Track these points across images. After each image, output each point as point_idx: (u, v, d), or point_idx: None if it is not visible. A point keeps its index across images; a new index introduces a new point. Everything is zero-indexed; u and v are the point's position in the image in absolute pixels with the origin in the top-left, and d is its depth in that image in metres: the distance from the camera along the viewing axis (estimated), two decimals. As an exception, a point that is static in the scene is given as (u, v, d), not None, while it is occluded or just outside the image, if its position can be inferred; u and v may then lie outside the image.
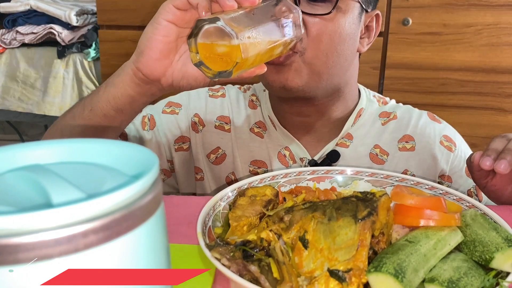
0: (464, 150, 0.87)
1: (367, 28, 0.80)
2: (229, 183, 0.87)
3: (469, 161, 0.69)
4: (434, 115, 0.89)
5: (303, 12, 0.69)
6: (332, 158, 0.82)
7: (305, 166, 0.83)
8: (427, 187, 0.62)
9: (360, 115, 0.86)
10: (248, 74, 0.61)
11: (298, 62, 0.73)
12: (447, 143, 0.85)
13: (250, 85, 0.94)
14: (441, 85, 1.61)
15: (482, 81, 1.59)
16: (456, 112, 1.62)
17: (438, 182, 0.85)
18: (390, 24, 1.59)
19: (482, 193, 0.79)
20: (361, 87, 0.89)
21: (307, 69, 0.73)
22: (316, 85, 0.76)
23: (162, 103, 0.92)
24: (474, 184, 0.82)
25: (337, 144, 0.84)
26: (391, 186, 0.64)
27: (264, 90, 0.89)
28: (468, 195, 0.84)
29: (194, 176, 0.91)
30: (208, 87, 0.93)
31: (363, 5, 0.76)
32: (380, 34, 1.60)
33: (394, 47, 1.61)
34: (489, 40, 1.55)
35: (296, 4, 0.69)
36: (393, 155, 0.84)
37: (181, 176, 0.92)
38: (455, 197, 0.59)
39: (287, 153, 0.85)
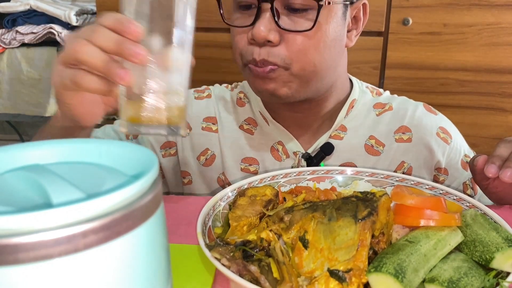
0: (459, 142, 0.86)
1: (355, 18, 0.78)
2: (221, 185, 0.86)
3: (472, 164, 0.68)
4: (430, 106, 0.89)
5: (283, 29, 0.68)
6: (326, 150, 0.81)
7: (298, 159, 0.82)
8: (427, 187, 0.62)
9: (353, 106, 0.84)
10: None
11: (285, 75, 0.71)
12: (443, 135, 0.84)
13: (238, 83, 0.92)
14: (441, 85, 1.61)
15: (482, 81, 1.59)
16: (456, 112, 1.61)
17: (434, 175, 0.85)
18: (390, 24, 1.59)
19: (478, 187, 0.79)
20: (353, 78, 0.88)
21: (295, 79, 0.72)
22: (305, 90, 0.75)
23: None
24: (470, 177, 0.82)
25: (330, 137, 0.83)
26: (391, 186, 0.64)
27: None
28: (464, 188, 0.84)
29: (182, 180, 0.90)
30: (193, 89, 0.92)
31: (347, 1, 0.74)
32: (380, 34, 1.61)
33: (394, 47, 1.61)
34: (489, 40, 1.55)
35: (274, 16, 0.67)
36: (390, 146, 0.83)
37: (172, 180, 0.91)
38: (455, 197, 0.59)
39: (280, 147, 0.84)
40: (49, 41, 1.91)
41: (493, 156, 0.64)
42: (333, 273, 0.43)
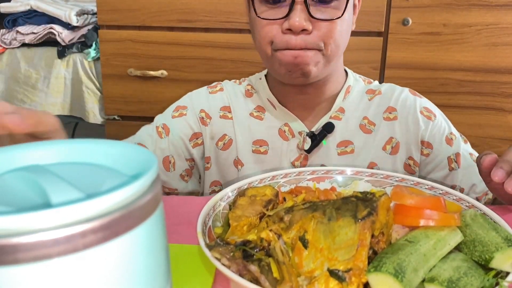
0: (443, 122, 0.93)
1: (354, 4, 0.88)
2: (236, 166, 0.94)
3: (479, 161, 0.69)
4: (415, 91, 0.97)
5: (313, 17, 0.78)
6: (327, 129, 0.90)
7: (303, 138, 0.90)
8: (427, 187, 0.62)
9: (349, 92, 0.95)
10: None
11: (316, 56, 0.81)
12: (427, 113, 0.92)
13: (244, 78, 1.03)
14: (441, 85, 1.61)
15: (482, 81, 1.59)
16: (456, 112, 1.61)
17: (421, 150, 0.91)
18: (390, 24, 1.59)
19: (462, 160, 0.88)
20: (348, 69, 0.98)
21: (323, 59, 0.82)
22: (327, 69, 0.85)
23: (170, 109, 0.98)
24: (455, 152, 0.89)
25: (331, 117, 0.93)
26: (391, 186, 0.64)
27: (260, 79, 0.98)
28: (448, 161, 0.89)
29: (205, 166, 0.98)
30: (207, 86, 1.01)
31: None
32: (380, 34, 1.61)
33: (394, 47, 1.61)
34: (489, 40, 1.55)
35: (307, 7, 0.77)
36: (379, 125, 0.92)
37: (203, 169, 0.99)
38: (454, 197, 0.59)
39: (286, 128, 0.93)
40: (50, 41, 1.91)
41: (503, 160, 0.64)
42: (333, 273, 0.43)
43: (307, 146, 0.89)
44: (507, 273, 0.44)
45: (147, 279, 0.28)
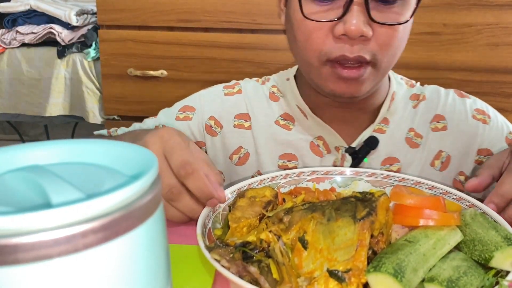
0: (500, 120, 0.82)
1: None
2: None
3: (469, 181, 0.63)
4: (461, 91, 0.85)
5: (377, 22, 0.64)
6: (371, 144, 0.77)
7: (342, 155, 0.79)
8: (426, 186, 0.62)
9: (394, 99, 0.81)
10: None
11: (372, 73, 0.69)
12: (480, 116, 0.81)
13: (268, 76, 0.89)
14: (441, 85, 1.60)
15: (482, 81, 1.59)
16: (456, 112, 1.61)
17: (478, 160, 0.80)
18: (390, 24, 1.59)
19: None
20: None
21: (377, 76, 0.71)
22: (376, 85, 0.73)
23: (177, 107, 0.87)
24: None
25: (374, 130, 0.79)
26: (390, 186, 0.64)
27: (288, 79, 0.84)
28: None
29: None
30: (223, 84, 0.88)
31: None
32: (380, 34, 1.61)
33: (394, 47, 1.60)
34: (489, 40, 1.55)
35: (368, 8, 0.63)
36: (426, 136, 0.80)
37: None
38: (454, 197, 0.59)
39: (320, 142, 0.80)
40: (49, 41, 1.91)
41: (497, 193, 0.57)
42: (332, 273, 0.43)
43: (347, 164, 0.77)
44: (507, 272, 0.44)
45: (147, 280, 0.28)
